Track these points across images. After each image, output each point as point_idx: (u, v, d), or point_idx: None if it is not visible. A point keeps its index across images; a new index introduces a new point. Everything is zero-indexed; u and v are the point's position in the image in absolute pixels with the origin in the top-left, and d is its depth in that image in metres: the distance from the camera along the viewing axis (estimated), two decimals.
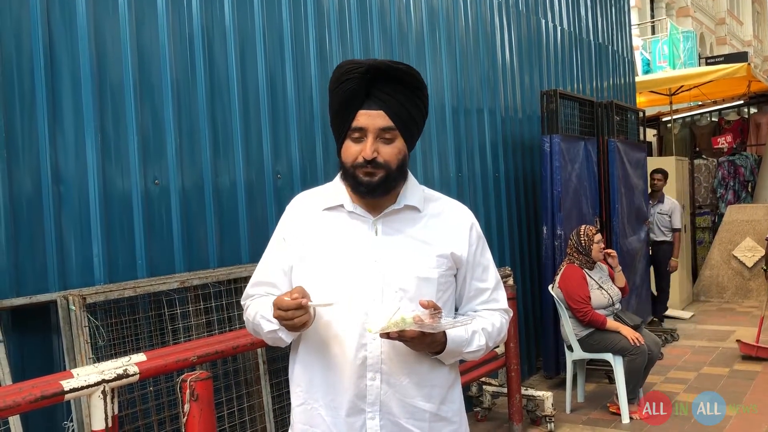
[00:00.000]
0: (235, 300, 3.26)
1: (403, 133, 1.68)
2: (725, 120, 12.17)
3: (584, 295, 4.79)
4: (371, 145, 1.63)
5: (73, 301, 2.62)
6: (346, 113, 1.65)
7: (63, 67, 2.83)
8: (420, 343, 1.58)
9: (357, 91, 1.63)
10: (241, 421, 3.25)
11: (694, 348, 6.75)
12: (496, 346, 1.83)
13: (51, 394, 2.06)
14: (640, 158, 7.29)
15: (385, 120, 1.64)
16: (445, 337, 1.64)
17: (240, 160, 3.53)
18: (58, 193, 2.78)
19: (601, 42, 7.94)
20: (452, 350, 1.67)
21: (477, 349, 1.72)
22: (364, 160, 1.63)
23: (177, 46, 3.28)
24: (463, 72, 5.36)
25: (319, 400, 1.70)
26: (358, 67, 1.63)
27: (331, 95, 1.70)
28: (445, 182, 5.03)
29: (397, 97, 1.65)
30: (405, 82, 1.67)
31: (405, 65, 1.68)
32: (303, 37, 3.98)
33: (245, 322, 1.83)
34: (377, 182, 1.65)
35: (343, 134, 1.68)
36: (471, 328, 1.70)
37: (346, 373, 1.66)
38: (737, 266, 9.25)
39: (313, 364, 1.72)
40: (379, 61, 1.65)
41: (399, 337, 1.53)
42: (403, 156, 1.70)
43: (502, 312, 1.82)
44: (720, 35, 29.95)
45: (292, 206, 1.84)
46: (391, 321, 1.50)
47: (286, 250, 1.77)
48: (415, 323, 1.51)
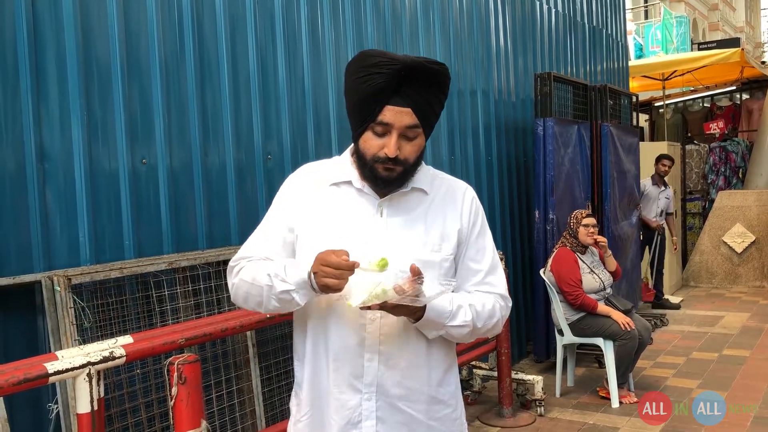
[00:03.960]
0: (224, 282, 3.22)
1: (425, 129, 1.67)
2: (717, 106, 12.18)
3: (576, 279, 4.78)
4: (395, 142, 1.61)
5: (58, 281, 2.57)
6: (371, 105, 1.62)
7: (47, 42, 2.76)
8: (401, 311, 1.56)
9: (386, 86, 1.60)
10: (230, 404, 3.22)
11: (684, 333, 6.78)
12: (488, 331, 1.73)
13: (34, 377, 2.02)
14: (632, 143, 7.28)
15: (411, 118, 1.62)
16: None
17: (230, 141, 3.47)
18: (42, 170, 2.72)
19: (596, 25, 7.89)
20: (432, 320, 1.61)
21: (462, 325, 1.65)
22: (386, 156, 1.61)
23: (166, 23, 3.20)
24: (456, 54, 5.30)
25: (323, 378, 1.69)
26: (392, 64, 1.59)
27: (355, 82, 1.64)
28: (437, 165, 4.95)
29: (425, 95, 1.63)
30: (437, 82, 1.65)
31: (439, 64, 1.65)
32: (294, 17, 3.91)
33: (234, 287, 1.72)
34: (395, 177, 1.65)
35: (365, 125, 1.64)
36: (456, 302, 1.65)
37: (345, 353, 1.64)
38: (727, 252, 9.28)
39: (318, 342, 1.70)
40: (415, 61, 1.61)
41: (380, 307, 1.52)
42: (422, 150, 1.70)
43: (498, 297, 1.74)
44: (713, 21, 29.95)
45: (297, 177, 1.79)
46: (372, 294, 1.48)
47: (288, 219, 1.73)
48: (396, 293, 1.48)
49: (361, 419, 1.65)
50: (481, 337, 1.78)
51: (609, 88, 6.66)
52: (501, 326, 1.77)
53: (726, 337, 6.53)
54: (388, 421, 1.65)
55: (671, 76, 11.08)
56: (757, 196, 9.33)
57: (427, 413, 1.69)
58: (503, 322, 1.77)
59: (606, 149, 6.44)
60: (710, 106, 12.26)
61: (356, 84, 1.64)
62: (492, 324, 1.72)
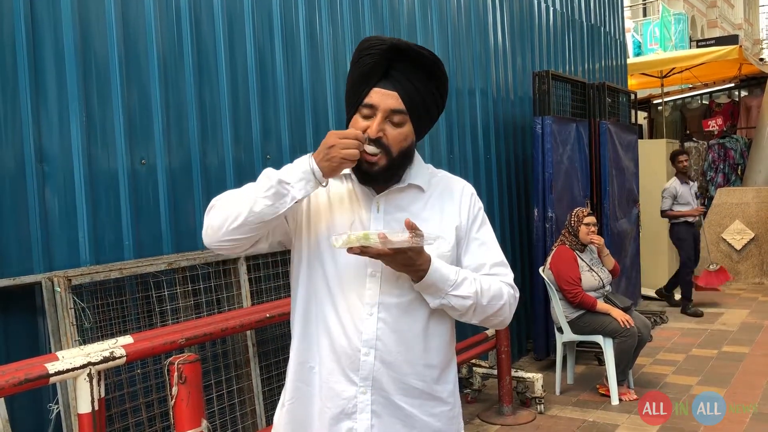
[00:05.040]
0: (224, 282, 3.23)
1: (413, 119, 1.65)
2: (716, 103, 12.18)
3: (575, 277, 4.79)
4: (378, 123, 1.61)
5: (59, 282, 2.57)
6: (360, 88, 1.63)
7: (46, 42, 2.76)
8: (394, 263, 1.54)
9: (375, 68, 1.61)
10: (230, 404, 3.23)
11: (683, 330, 6.79)
12: (495, 315, 1.66)
13: (35, 377, 2.03)
14: (631, 140, 7.28)
15: (397, 102, 1.61)
16: (429, 265, 1.57)
17: (228, 140, 3.47)
18: (42, 171, 2.72)
19: (594, 23, 7.89)
20: (434, 283, 1.58)
21: (465, 296, 1.61)
22: (368, 138, 1.60)
23: (164, 22, 3.20)
24: (454, 53, 5.30)
25: (314, 366, 1.69)
26: (381, 44, 1.61)
27: (352, 67, 1.67)
28: (436, 164, 4.94)
29: (413, 82, 1.63)
30: (425, 67, 1.64)
31: (429, 51, 1.65)
32: (293, 16, 3.91)
33: (209, 216, 1.72)
34: (377, 171, 1.62)
35: (354, 108, 1.66)
36: (462, 274, 1.63)
37: (342, 346, 1.64)
38: (726, 249, 9.29)
39: (311, 332, 1.70)
40: (402, 42, 1.62)
41: (363, 252, 1.49)
42: (409, 143, 1.67)
43: (506, 283, 1.70)
44: (711, 18, 29.92)
45: None
46: (352, 236, 1.48)
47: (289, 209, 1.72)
48: (380, 239, 1.47)
49: (355, 411, 1.64)
50: (487, 324, 1.72)
51: (607, 86, 6.66)
52: (508, 313, 1.70)
53: (725, 333, 6.53)
54: (383, 415, 1.65)
55: (670, 74, 11.09)
56: (756, 192, 9.33)
57: (423, 409, 1.68)
58: (511, 310, 1.71)
59: (605, 147, 6.44)
60: (709, 103, 12.27)
61: (352, 68, 1.66)
62: (498, 306, 1.66)
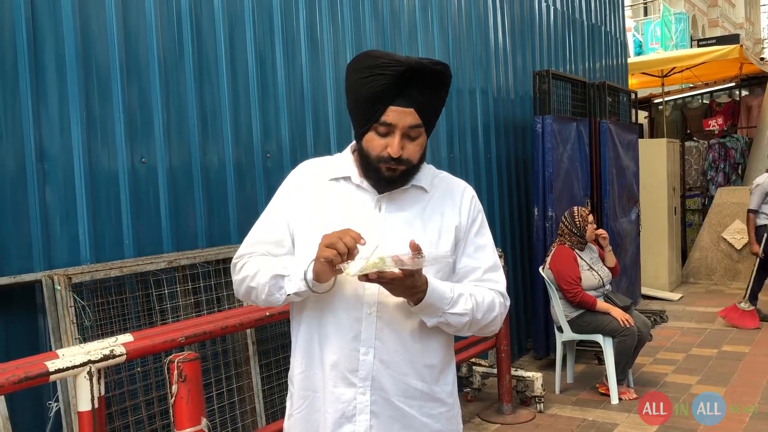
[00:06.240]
0: (224, 280, 3.23)
1: (427, 128, 1.69)
2: (716, 102, 12.16)
3: (575, 276, 4.79)
4: (398, 143, 1.63)
5: (59, 280, 2.58)
6: (374, 106, 1.63)
7: (47, 41, 2.76)
8: (400, 287, 1.54)
9: (389, 87, 1.61)
10: (230, 402, 3.23)
11: (683, 329, 6.79)
12: (487, 326, 1.71)
13: (35, 375, 2.03)
14: (631, 140, 7.28)
15: (414, 118, 1.64)
16: (427, 286, 1.59)
17: (229, 140, 3.48)
18: (42, 170, 2.73)
19: (594, 22, 7.89)
20: (432, 303, 1.60)
21: (462, 313, 1.64)
22: (389, 156, 1.63)
23: (164, 22, 3.21)
24: (455, 53, 5.30)
25: (317, 372, 1.70)
26: (396, 65, 1.60)
27: (357, 81, 1.65)
28: (436, 163, 4.96)
29: (428, 96, 1.65)
30: (440, 81, 1.67)
31: (442, 65, 1.66)
32: (293, 17, 3.91)
33: (236, 282, 1.76)
34: (398, 176, 1.67)
35: (368, 125, 1.66)
36: (458, 290, 1.65)
37: (341, 347, 1.65)
38: (726, 248, 9.28)
39: (312, 335, 1.71)
40: (418, 63, 1.62)
41: (378, 278, 1.50)
42: (424, 149, 1.72)
43: (497, 293, 1.74)
44: (712, 17, 29.88)
45: (297, 172, 1.81)
46: (369, 262, 1.46)
47: (287, 214, 1.75)
48: (395, 262, 1.48)
49: (355, 413, 1.65)
50: (478, 333, 1.76)
51: (608, 85, 6.66)
52: (499, 323, 1.75)
53: (725, 333, 6.54)
54: (381, 416, 1.65)
55: (670, 73, 11.08)
56: None
57: (422, 410, 1.69)
58: (501, 319, 1.75)
59: (605, 146, 6.44)
60: (709, 102, 12.25)
61: (359, 83, 1.65)
62: (491, 318, 1.71)
